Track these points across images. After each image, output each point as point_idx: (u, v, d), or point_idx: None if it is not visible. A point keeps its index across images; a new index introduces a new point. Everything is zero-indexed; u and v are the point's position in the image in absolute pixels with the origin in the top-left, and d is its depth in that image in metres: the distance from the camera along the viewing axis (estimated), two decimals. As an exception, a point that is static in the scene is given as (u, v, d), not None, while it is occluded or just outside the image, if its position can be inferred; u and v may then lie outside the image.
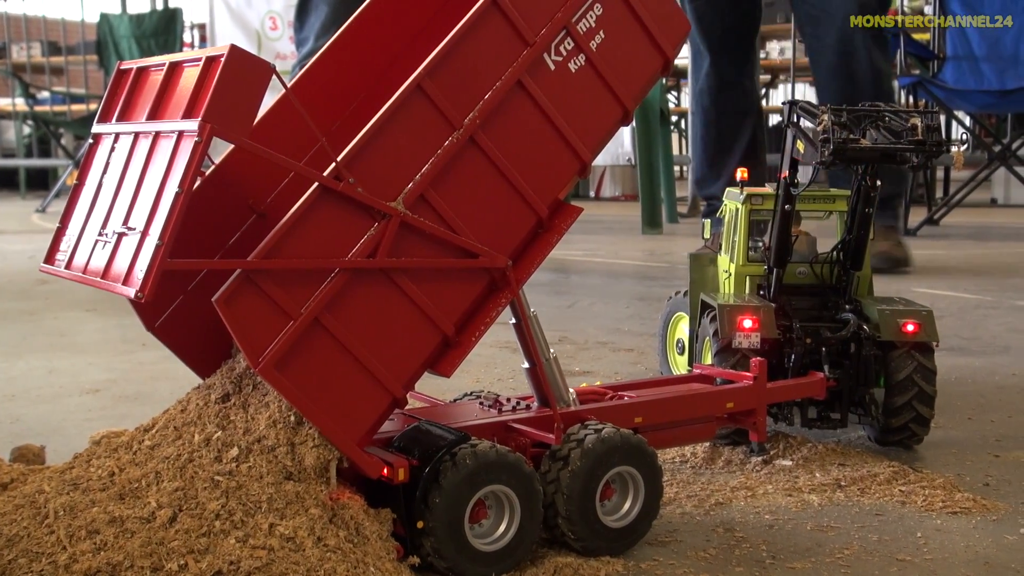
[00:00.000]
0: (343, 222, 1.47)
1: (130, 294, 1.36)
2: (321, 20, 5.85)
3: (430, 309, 1.55)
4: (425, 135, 1.52)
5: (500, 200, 1.60)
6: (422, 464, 1.51)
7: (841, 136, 2.08)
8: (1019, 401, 2.70)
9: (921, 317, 2.18)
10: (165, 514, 1.41)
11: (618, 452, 1.65)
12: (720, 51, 5.38)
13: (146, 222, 1.42)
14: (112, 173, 1.59)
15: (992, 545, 1.73)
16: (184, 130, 1.41)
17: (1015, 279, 5.12)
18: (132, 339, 3.59)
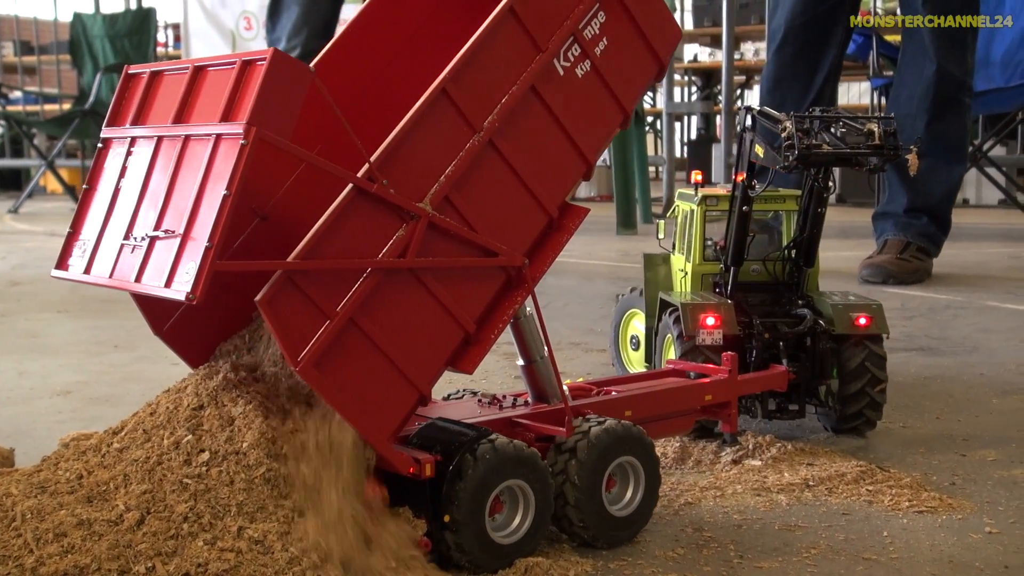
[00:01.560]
0: (375, 223, 1.52)
1: (180, 297, 1.38)
2: (293, 20, 5.85)
3: (454, 307, 1.60)
4: (449, 138, 1.58)
5: (515, 201, 1.67)
6: (446, 459, 1.55)
7: (805, 142, 2.20)
8: (987, 401, 2.73)
9: (872, 311, 2.31)
10: (133, 517, 1.41)
11: (622, 443, 1.73)
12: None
13: (186, 225, 1.43)
14: (132, 177, 1.60)
15: (957, 544, 1.75)
16: (223, 133, 1.43)
17: (986, 279, 5.16)
18: (104, 341, 3.57)
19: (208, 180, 1.44)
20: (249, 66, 1.45)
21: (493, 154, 1.63)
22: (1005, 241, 7.19)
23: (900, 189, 5.33)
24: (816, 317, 2.35)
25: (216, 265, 1.38)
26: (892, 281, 4.94)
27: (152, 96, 1.64)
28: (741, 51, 11.63)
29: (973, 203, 10.72)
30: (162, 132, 1.57)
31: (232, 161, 1.40)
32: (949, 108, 5.16)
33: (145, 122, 1.62)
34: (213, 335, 1.75)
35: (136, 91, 1.66)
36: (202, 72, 1.55)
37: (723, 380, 2.13)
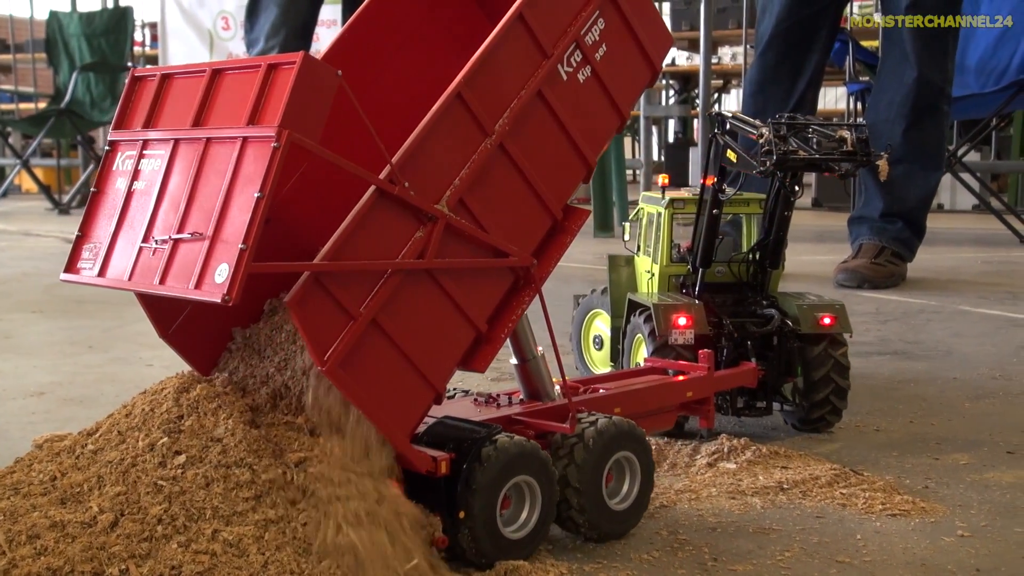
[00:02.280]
0: (395, 225, 1.55)
1: (215, 299, 1.38)
2: (271, 21, 5.83)
3: (467, 307, 1.65)
4: (463, 141, 1.62)
5: (523, 203, 1.72)
6: (460, 457, 1.59)
7: (783, 148, 2.29)
8: (960, 404, 2.75)
9: (835, 310, 2.42)
10: (107, 518, 1.41)
11: (621, 438, 1.78)
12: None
13: (215, 228, 1.44)
14: (147, 180, 1.60)
15: (930, 546, 1.76)
16: (250, 136, 1.45)
17: (959, 284, 5.19)
18: (78, 341, 3.56)
19: (236, 182, 1.45)
20: (275, 70, 1.47)
21: (503, 157, 1.68)
22: (979, 246, 7.25)
23: (876, 194, 5.36)
24: (783, 317, 2.43)
25: (251, 267, 1.39)
26: (867, 285, 4.97)
27: (164, 99, 1.65)
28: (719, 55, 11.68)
29: (948, 208, 10.80)
30: (179, 135, 1.58)
31: (263, 163, 1.42)
32: (928, 114, 5.20)
33: (157, 125, 1.63)
34: (217, 338, 1.77)
35: (145, 94, 1.67)
36: (220, 75, 1.57)
37: (703, 377, 2.22)
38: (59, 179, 11.99)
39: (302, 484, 1.52)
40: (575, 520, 1.74)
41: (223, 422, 1.55)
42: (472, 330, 1.68)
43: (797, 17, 5.32)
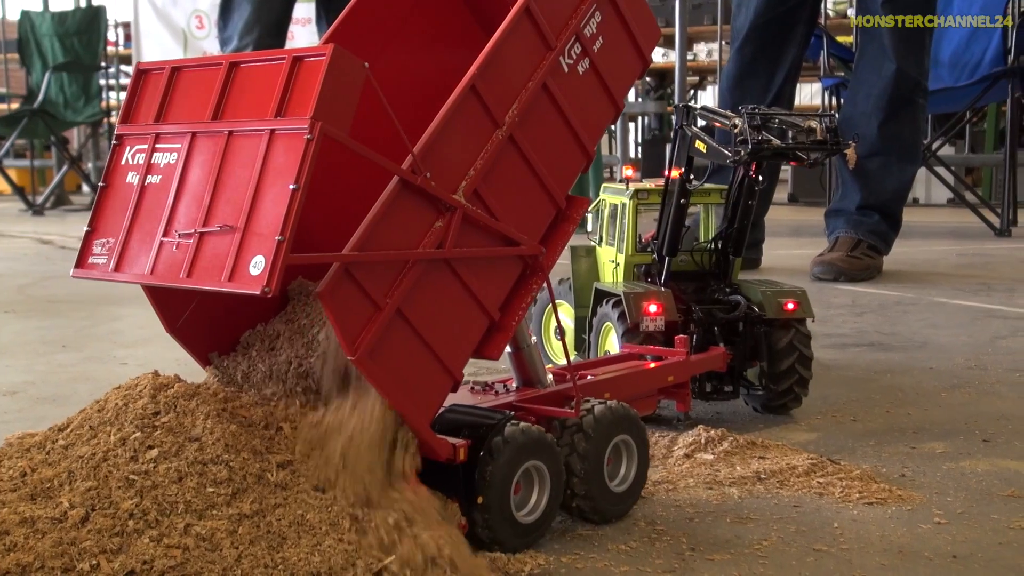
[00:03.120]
0: (416, 215, 1.58)
1: (255, 291, 1.38)
2: (244, 19, 5.81)
3: (482, 296, 1.68)
4: (476, 133, 1.65)
5: (530, 193, 1.76)
6: (476, 443, 1.62)
7: (757, 137, 2.37)
8: (936, 394, 2.76)
9: (798, 296, 2.49)
10: (77, 514, 1.39)
11: (620, 422, 1.82)
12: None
13: (246, 220, 1.44)
14: (162, 174, 1.59)
15: (906, 534, 1.76)
16: (278, 129, 1.45)
17: (934, 276, 5.22)
18: (51, 341, 3.53)
19: (266, 175, 1.45)
20: (300, 62, 1.48)
21: (512, 148, 1.71)
22: (953, 239, 7.29)
23: (852, 187, 5.38)
24: (748, 303, 2.50)
25: (289, 258, 1.40)
26: (843, 278, 4.99)
27: (174, 92, 1.64)
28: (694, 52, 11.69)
29: (923, 202, 10.86)
30: (197, 128, 1.57)
31: (295, 156, 1.42)
32: (904, 108, 5.22)
33: (169, 119, 1.62)
34: (224, 334, 1.78)
35: (153, 87, 1.66)
36: (237, 68, 1.57)
37: (682, 361, 2.29)
38: (33, 180, 11.90)
39: (281, 481, 1.50)
40: (576, 500, 1.78)
41: (201, 421, 1.53)
42: (486, 318, 1.71)
43: (774, 12, 5.33)
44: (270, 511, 1.46)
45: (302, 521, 1.46)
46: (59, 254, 6.60)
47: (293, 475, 1.53)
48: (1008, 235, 7.28)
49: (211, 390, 1.62)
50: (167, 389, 1.59)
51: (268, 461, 1.53)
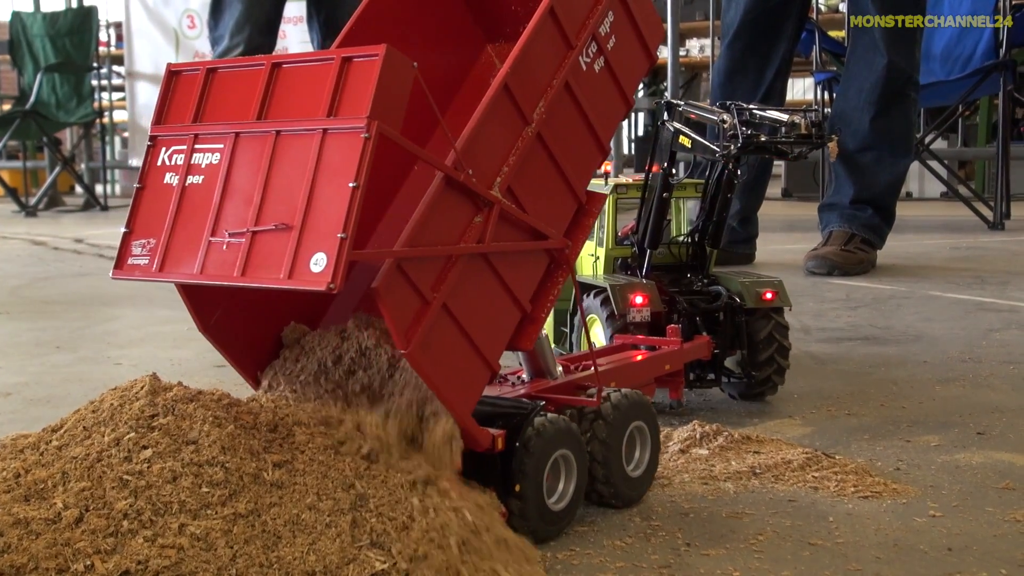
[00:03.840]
0: (458, 211, 1.62)
1: (320, 287, 1.41)
2: (235, 18, 5.80)
3: (516, 289, 1.73)
4: (509, 130, 1.69)
5: (555, 188, 1.81)
6: (511, 433, 1.66)
7: (747, 132, 2.46)
8: (930, 388, 2.76)
9: (775, 286, 2.55)
10: (71, 514, 1.39)
11: (635, 409, 1.88)
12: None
13: (303, 219, 1.46)
14: (204, 174, 1.60)
15: (902, 527, 1.77)
16: (333, 128, 1.48)
17: (928, 269, 5.23)
18: (45, 342, 3.52)
19: (321, 174, 1.47)
20: (350, 62, 1.50)
21: (540, 145, 1.75)
22: (946, 232, 7.30)
23: (846, 181, 5.38)
24: (728, 293, 2.57)
25: (352, 255, 1.43)
26: (837, 272, 4.99)
27: (210, 93, 1.65)
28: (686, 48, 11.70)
29: (916, 196, 10.87)
30: (241, 129, 1.58)
31: (351, 154, 1.45)
32: (896, 102, 5.23)
33: (207, 119, 1.63)
34: (256, 334, 1.80)
35: (187, 88, 1.67)
36: (280, 69, 1.59)
37: (676, 350, 2.36)
38: (25, 181, 11.89)
39: (277, 480, 1.50)
40: (600, 490, 1.84)
41: (199, 425, 1.52)
42: (519, 310, 1.76)
43: (764, 7, 5.33)
44: (265, 510, 1.46)
45: (297, 520, 1.45)
46: (52, 255, 6.59)
47: (289, 474, 1.53)
48: (1001, 228, 7.30)
49: (214, 395, 1.61)
50: (166, 392, 1.59)
51: (264, 460, 1.52)
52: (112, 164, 13.69)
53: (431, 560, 1.46)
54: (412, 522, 1.50)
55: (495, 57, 2.16)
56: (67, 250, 6.91)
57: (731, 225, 5.49)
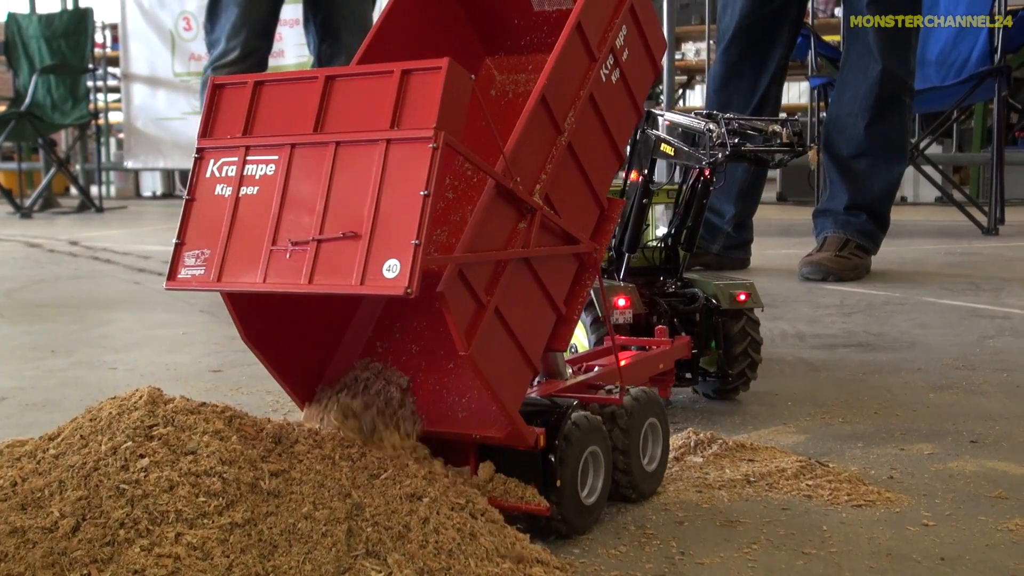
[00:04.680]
0: (507, 217, 1.69)
1: (397, 292, 1.46)
2: (232, 21, 5.80)
3: (553, 292, 1.81)
4: (545, 140, 1.76)
5: (582, 194, 1.88)
6: (550, 430, 1.73)
7: (734, 140, 2.57)
8: (924, 395, 2.77)
9: (748, 288, 2.65)
10: (68, 523, 1.39)
11: (650, 405, 1.97)
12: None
13: (371, 227, 1.51)
14: (259, 185, 1.63)
15: (895, 536, 1.77)
16: (397, 138, 1.52)
17: (923, 275, 5.24)
18: (40, 346, 3.52)
19: (387, 183, 1.52)
20: (410, 75, 1.54)
21: (570, 154, 1.82)
22: (941, 238, 7.32)
23: (840, 187, 5.40)
24: (704, 295, 2.66)
25: (428, 260, 1.49)
26: (831, 278, 5.01)
27: (259, 107, 1.68)
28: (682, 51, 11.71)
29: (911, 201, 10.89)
30: (297, 140, 1.61)
31: (419, 164, 1.49)
32: (891, 108, 5.24)
33: (258, 132, 1.67)
34: (295, 343, 1.85)
35: (233, 101, 1.70)
36: (335, 82, 1.63)
37: (668, 350, 2.43)
38: (20, 183, 11.87)
39: (274, 489, 1.51)
40: (619, 480, 1.90)
41: (199, 436, 1.53)
42: (555, 312, 1.84)
43: (760, 13, 5.35)
44: (262, 520, 1.46)
45: (294, 530, 1.46)
46: (47, 258, 6.58)
47: (286, 483, 1.53)
48: (995, 233, 7.32)
49: (217, 408, 1.62)
50: (166, 404, 1.59)
51: (262, 470, 1.53)
52: (107, 166, 13.68)
53: (428, 569, 1.47)
54: (408, 531, 1.51)
55: (494, 69, 2.18)
56: (62, 252, 6.90)
57: (727, 231, 5.51)
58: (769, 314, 4.10)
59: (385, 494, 1.56)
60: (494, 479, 1.77)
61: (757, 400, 2.72)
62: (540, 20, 2.19)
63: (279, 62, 10.67)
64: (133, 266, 6.06)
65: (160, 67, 11.93)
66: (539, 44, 2.21)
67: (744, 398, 2.74)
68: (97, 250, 6.94)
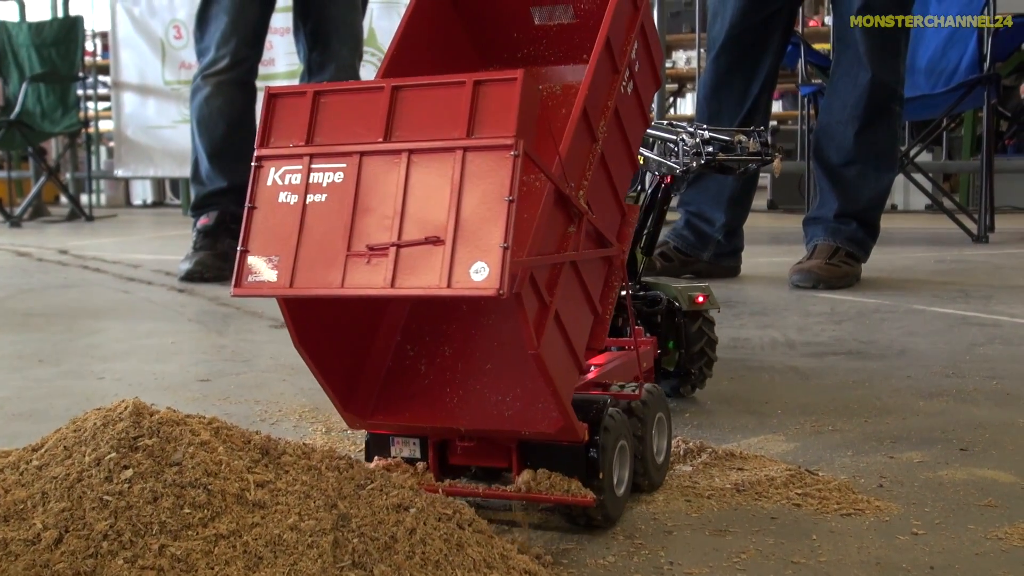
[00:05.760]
0: (561, 221, 1.77)
1: (489, 293, 1.51)
2: (221, 30, 5.80)
3: (593, 293, 1.89)
4: (586, 148, 1.84)
5: (610, 200, 1.97)
6: (592, 425, 1.80)
7: (708, 150, 2.69)
8: (914, 403, 2.77)
9: (705, 290, 2.77)
10: (50, 535, 1.38)
11: (659, 401, 2.07)
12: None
13: (454, 232, 1.55)
14: (328, 192, 1.66)
15: (884, 545, 1.77)
16: (474, 146, 1.57)
17: (913, 283, 5.25)
18: (27, 355, 3.51)
19: (467, 190, 1.56)
20: (482, 85, 1.60)
21: (602, 161, 1.90)
22: (931, 245, 7.33)
23: (830, 195, 5.40)
24: (667, 298, 2.76)
25: (516, 263, 1.55)
26: (822, 286, 5.01)
27: (321, 116, 1.71)
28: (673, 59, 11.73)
29: (901, 208, 10.91)
30: (364, 148, 1.65)
31: (502, 171, 1.55)
32: (880, 116, 5.25)
33: (321, 140, 1.70)
34: (345, 351, 1.91)
35: (292, 111, 1.73)
36: (401, 92, 1.66)
37: (649, 349, 2.52)
38: (10, 191, 11.85)
39: (259, 500, 1.49)
40: (636, 472, 1.98)
41: (184, 448, 1.52)
42: (593, 312, 1.92)
43: (750, 22, 5.35)
44: (247, 531, 1.45)
45: (279, 541, 1.45)
46: (36, 266, 6.56)
47: (272, 494, 1.52)
48: (985, 241, 7.33)
49: (203, 420, 1.61)
50: (151, 415, 1.58)
51: (247, 480, 1.52)
52: (97, 174, 13.65)
53: None
54: (395, 542, 1.50)
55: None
56: (51, 261, 6.88)
57: (717, 239, 5.51)
58: (759, 322, 4.10)
59: (372, 504, 1.55)
60: (538, 474, 1.83)
61: (747, 408, 2.72)
62: (539, 33, 2.23)
63: (269, 70, 10.66)
64: (123, 275, 6.04)
65: (150, 75, 11.92)
66: (536, 56, 2.26)
67: (734, 406, 2.74)
68: (87, 259, 6.92)
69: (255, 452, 1.59)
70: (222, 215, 5.92)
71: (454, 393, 1.95)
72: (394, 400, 1.97)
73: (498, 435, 1.86)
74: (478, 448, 1.89)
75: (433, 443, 1.92)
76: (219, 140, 5.92)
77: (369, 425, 1.93)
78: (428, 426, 1.90)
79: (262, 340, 3.82)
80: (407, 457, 1.94)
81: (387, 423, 1.93)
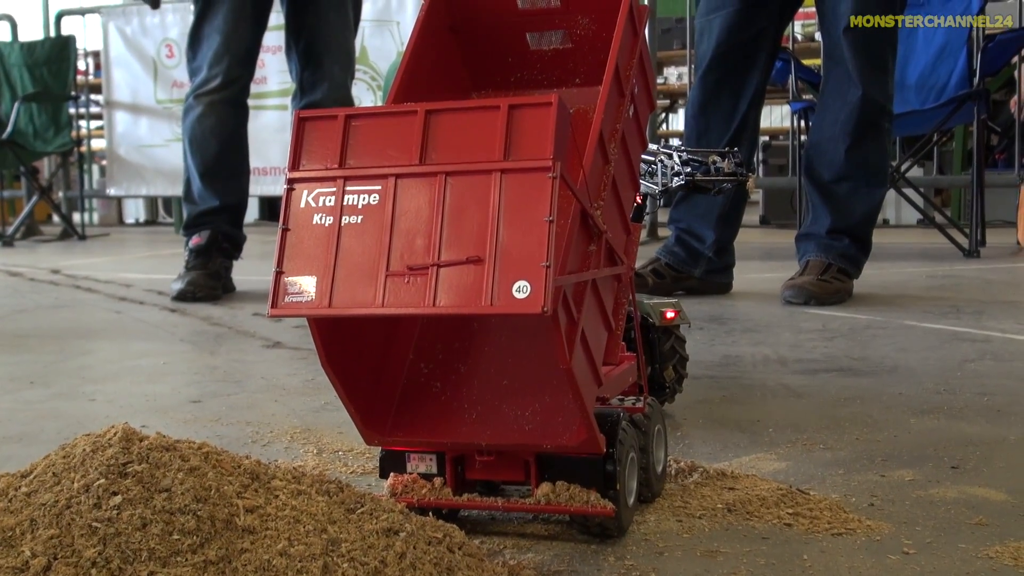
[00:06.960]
0: (584, 240, 1.82)
1: (533, 311, 1.55)
2: (214, 49, 5.80)
3: (608, 309, 1.96)
4: (601, 170, 1.90)
5: (618, 219, 2.04)
6: (608, 438, 1.84)
7: (688, 171, 2.76)
8: (905, 420, 2.77)
9: (676, 306, 2.81)
10: (39, 563, 1.37)
11: (659, 413, 2.12)
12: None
13: (494, 252, 1.60)
14: (363, 214, 1.69)
15: (875, 565, 1.77)
16: (511, 169, 1.62)
17: (905, 298, 5.26)
18: (18, 377, 3.50)
19: (507, 211, 1.61)
20: (517, 110, 1.64)
21: (613, 182, 1.96)
22: (923, 260, 7.34)
23: (822, 211, 5.41)
24: (641, 314, 2.79)
25: (558, 281, 1.61)
26: (814, 302, 5.02)
27: (354, 139, 1.74)
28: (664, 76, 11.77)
29: (893, 223, 10.94)
30: (400, 171, 1.68)
31: (541, 192, 1.60)
32: (871, 133, 5.27)
33: (353, 163, 1.73)
34: (370, 371, 1.94)
35: (323, 134, 1.75)
36: (435, 115, 1.70)
37: (634, 363, 2.55)
38: (2, 211, 11.84)
39: (248, 526, 1.49)
40: (639, 482, 2.02)
41: (173, 474, 1.51)
42: (607, 328, 1.99)
43: (736, 40, 5.37)
44: (236, 556, 1.45)
45: (268, 566, 1.44)
46: (28, 286, 6.56)
47: (262, 519, 1.52)
48: (977, 256, 7.35)
49: (193, 445, 1.60)
50: (141, 440, 1.58)
51: (237, 506, 1.52)
52: (90, 193, 13.64)
53: None
54: (385, 567, 1.50)
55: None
56: (43, 281, 6.87)
57: (708, 256, 5.52)
58: (751, 339, 4.11)
59: (361, 529, 1.55)
60: (556, 486, 1.85)
61: (738, 427, 2.72)
62: (533, 58, 2.27)
63: (261, 88, 10.67)
64: (115, 295, 6.04)
65: (143, 94, 11.92)
66: (529, 81, 2.29)
67: (726, 425, 2.74)
68: (79, 278, 6.92)
69: (245, 477, 1.59)
70: (214, 235, 5.91)
71: (472, 409, 1.97)
72: (412, 417, 1.99)
73: (519, 449, 1.88)
74: (497, 462, 1.90)
75: (450, 458, 1.93)
76: (211, 159, 5.92)
77: (389, 442, 1.94)
78: (449, 442, 1.91)
79: (254, 360, 3.82)
80: (424, 473, 1.95)
81: (407, 439, 1.94)
